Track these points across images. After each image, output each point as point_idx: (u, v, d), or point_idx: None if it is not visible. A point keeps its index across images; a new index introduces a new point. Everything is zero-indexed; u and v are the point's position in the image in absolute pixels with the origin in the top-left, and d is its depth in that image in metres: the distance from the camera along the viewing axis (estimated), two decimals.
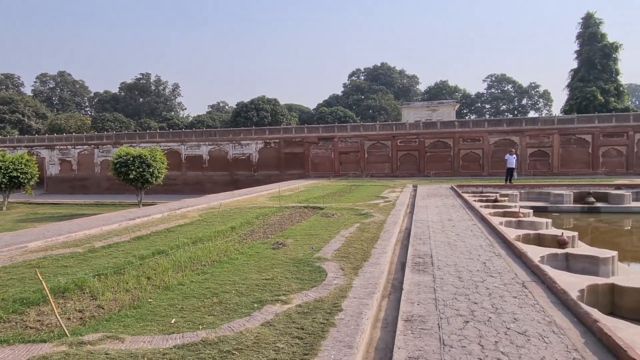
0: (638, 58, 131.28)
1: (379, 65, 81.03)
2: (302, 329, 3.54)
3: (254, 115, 50.78)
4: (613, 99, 37.04)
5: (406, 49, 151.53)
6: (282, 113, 54.27)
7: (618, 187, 18.07)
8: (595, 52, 38.20)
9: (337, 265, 5.58)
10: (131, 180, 20.66)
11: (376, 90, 71.33)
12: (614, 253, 6.61)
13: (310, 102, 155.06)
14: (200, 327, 3.65)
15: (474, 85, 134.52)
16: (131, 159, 20.55)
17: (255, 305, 4.14)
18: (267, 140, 32.72)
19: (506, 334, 3.52)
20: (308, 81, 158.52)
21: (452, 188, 18.15)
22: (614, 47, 38.32)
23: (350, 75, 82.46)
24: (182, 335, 3.49)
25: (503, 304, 4.24)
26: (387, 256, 6.20)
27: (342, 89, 77.74)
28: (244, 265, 5.69)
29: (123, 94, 74.22)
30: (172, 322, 3.79)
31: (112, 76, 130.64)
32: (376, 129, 31.23)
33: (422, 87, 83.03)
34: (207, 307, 4.13)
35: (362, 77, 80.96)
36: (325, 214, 10.48)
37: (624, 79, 40.51)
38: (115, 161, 20.92)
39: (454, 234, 8.08)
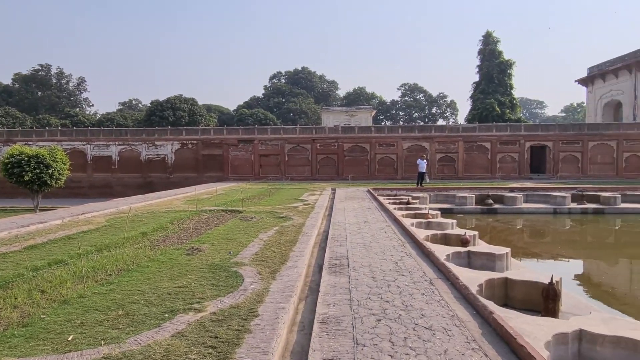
0: (527, 74, 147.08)
1: (300, 69, 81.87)
2: (216, 337, 3.43)
3: (170, 114, 48.54)
4: (508, 110, 41.04)
5: (326, 55, 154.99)
6: (201, 113, 52.54)
7: (512, 190, 20.03)
8: (493, 68, 42.10)
9: (255, 270, 5.51)
10: (26, 182, 18.61)
11: (297, 94, 71.95)
12: (508, 250, 7.29)
13: (230, 103, 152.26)
14: (103, 342, 3.38)
15: (390, 93, 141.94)
16: (26, 158, 18.50)
17: (166, 315, 3.93)
18: (184, 141, 31.43)
19: (414, 330, 3.71)
20: (228, 82, 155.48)
21: (368, 191, 18.83)
22: (509, 64, 42.55)
23: (272, 78, 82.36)
24: (81, 353, 3.20)
25: (412, 301, 4.47)
26: (305, 259, 6.25)
27: (263, 91, 77.36)
28: (155, 273, 5.39)
29: (17, 86, 66.72)
30: (70, 339, 3.46)
31: (3, 65, 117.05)
32: (296, 132, 31.47)
33: (341, 92, 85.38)
34: (112, 321, 3.84)
35: (283, 80, 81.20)
36: (244, 218, 10.32)
37: (517, 93, 45.12)
38: (6, 161, 18.71)
39: (369, 235, 8.38)
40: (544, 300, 4.97)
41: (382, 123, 73.27)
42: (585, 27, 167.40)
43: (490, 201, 18.34)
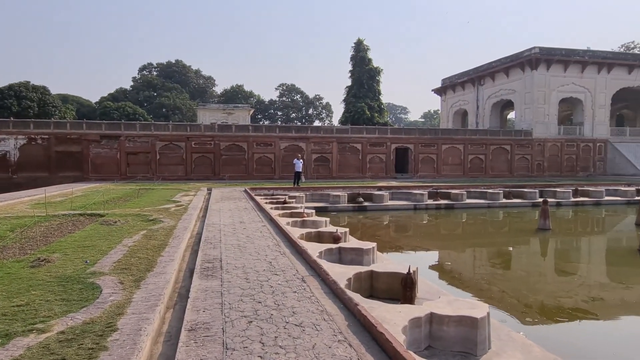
0: (394, 82, 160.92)
1: (174, 62, 77.61)
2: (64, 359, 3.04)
3: (13, 104, 41.95)
4: (377, 114, 44.37)
5: (203, 49, 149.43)
6: (54, 104, 46.46)
7: (379, 188, 21.68)
8: (363, 74, 45.10)
9: (116, 279, 5.04)
10: None
11: (170, 88, 68.05)
12: (374, 244, 7.85)
13: (92, 95, 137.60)
14: None
15: (268, 92, 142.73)
16: None
17: None
18: (32, 136, 27.38)
19: (285, 328, 3.76)
20: (89, 70, 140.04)
21: (245, 191, 18.66)
22: (377, 71, 46.04)
23: (141, 69, 76.51)
24: None
25: (284, 300, 4.53)
26: (174, 264, 5.92)
27: (132, 83, 71.48)
28: None
29: None
30: None
31: None
32: (169, 129, 29.72)
33: (218, 89, 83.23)
34: None
35: (155, 73, 76.08)
36: (106, 222, 9.39)
37: (384, 98, 49.09)
38: None
39: (244, 236, 8.28)
40: (402, 289, 5.45)
41: (261, 122, 73.34)
42: (441, 41, 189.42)
43: (361, 199, 19.60)
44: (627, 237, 14.05)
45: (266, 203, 14.58)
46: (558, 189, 22.23)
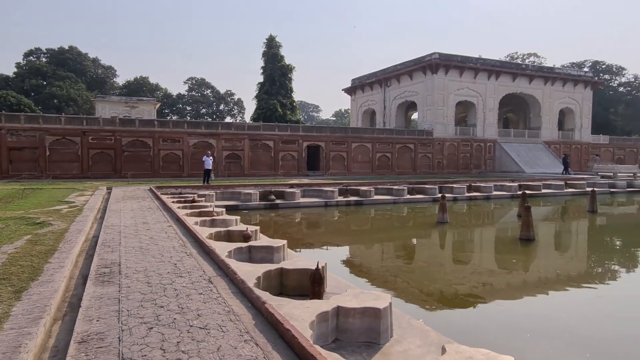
0: (306, 80, 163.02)
1: (67, 48, 70.51)
2: None
3: None
4: (289, 112, 44.63)
5: (101, 36, 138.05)
6: None
7: (291, 186, 21.82)
8: (276, 71, 45.05)
9: None
10: None
11: (63, 77, 61.79)
12: (284, 242, 7.87)
13: None
14: None
15: (176, 86, 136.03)
16: None
17: None
18: None
19: (189, 332, 3.61)
20: None
21: (150, 190, 17.63)
22: (289, 68, 46.27)
23: (27, 55, 68.40)
24: None
25: (189, 303, 4.35)
26: (64, 271, 5.38)
27: (16, 70, 63.63)
28: None
29: None
30: None
31: None
32: (62, 123, 27.01)
33: (120, 80, 77.56)
34: None
35: (44, 59, 68.50)
36: None
37: (297, 96, 49.53)
38: None
39: (147, 237, 7.81)
40: (311, 284, 5.53)
41: (168, 117, 69.79)
42: (351, 41, 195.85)
43: (273, 197, 19.56)
44: (511, 227, 15.73)
45: (173, 202, 13.91)
46: (455, 185, 24.20)
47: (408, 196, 22.14)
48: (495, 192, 24.67)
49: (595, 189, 21.76)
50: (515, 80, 42.45)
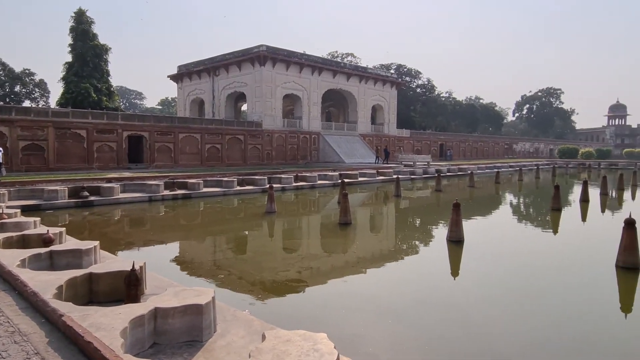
0: (127, 64, 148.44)
1: None
2: None
3: None
4: (105, 98, 39.90)
5: None
6: None
7: (109, 180, 19.68)
8: (88, 50, 39.66)
9: None
10: None
11: None
12: (96, 243, 7.02)
13: None
14: None
15: None
16: None
17: None
18: None
19: None
20: None
21: None
22: (105, 49, 41.28)
23: None
24: None
25: None
26: None
27: None
28: None
29: None
30: None
31: None
32: None
33: None
34: None
35: None
36: None
37: (115, 81, 44.65)
38: None
39: None
40: (126, 287, 5.06)
41: None
42: (180, 27, 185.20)
43: (86, 193, 17.32)
44: (333, 214, 17.16)
45: None
46: (283, 176, 25.22)
47: (238, 188, 22.19)
48: (319, 182, 26.57)
49: (399, 176, 25.32)
50: (335, 77, 46.23)
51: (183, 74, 48.14)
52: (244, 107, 51.62)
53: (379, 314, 6.48)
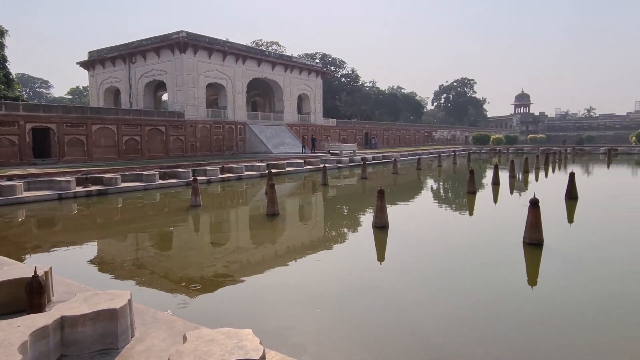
0: (27, 50, 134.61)
1: None
2: None
3: None
4: (3, 86, 35.90)
5: None
6: None
7: (10, 178, 17.77)
8: None
9: None
10: None
11: None
12: None
13: None
14: None
15: None
16: None
17: None
18: None
19: None
20: None
21: None
22: (0, 32, 37.03)
23: None
24: None
25: None
26: None
27: None
28: None
29: None
30: None
31: None
32: None
33: None
34: None
35: None
36: None
37: (15, 68, 40.22)
38: None
39: None
40: (28, 296, 4.57)
41: None
42: (85, 11, 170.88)
43: None
44: (261, 205, 16.93)
45: None
46: (208, 168, 24.42)
47: (160, 181, 21.13)
48: (246, 173, 26.11)
49: (326, 165, 25.62)
50: (260, 66, 45.49)
51: (95, 61, 44.57)
52: (165, 97, 49.13)
53: (307, 303, 6.50)
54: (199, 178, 18.20)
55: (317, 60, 65.58)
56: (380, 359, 4.80)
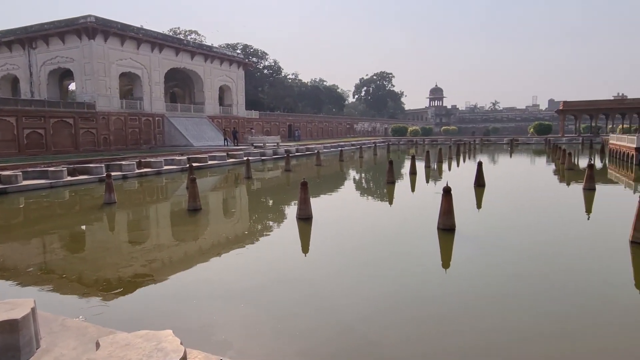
0: None
1: None
2: None
3: None
4: None
5: None
6: None
7: None
8: None
9: None
10: None
11: None
12: None
13: None
14: None
15: None
16: None
17: None
18: None
19: None
20: None
21: None
22: None
23: None
24: None
25: None
26: None
27: None
28: None
29: None
30: None
31: None
32: None
33: None
34: None
35: None
36: None
37: None
38: None
39: None
40: None
41: None
42: None
43: None
44: (182, 200, 16.33)
45: None
46: (124, 162, 23.01)
47: (69, 178, 19.54)
48: (166, 167, 25.00)
49: (250, 158, 25.32)
50: (178, 55, 43.51)
51: None
52: (73, 87, 45.19)
53: (231, 299, 6.45)
54: (113, 174, 17.11)
55: (238, 51, 64.15)
56: (305, 350, 4.92)
